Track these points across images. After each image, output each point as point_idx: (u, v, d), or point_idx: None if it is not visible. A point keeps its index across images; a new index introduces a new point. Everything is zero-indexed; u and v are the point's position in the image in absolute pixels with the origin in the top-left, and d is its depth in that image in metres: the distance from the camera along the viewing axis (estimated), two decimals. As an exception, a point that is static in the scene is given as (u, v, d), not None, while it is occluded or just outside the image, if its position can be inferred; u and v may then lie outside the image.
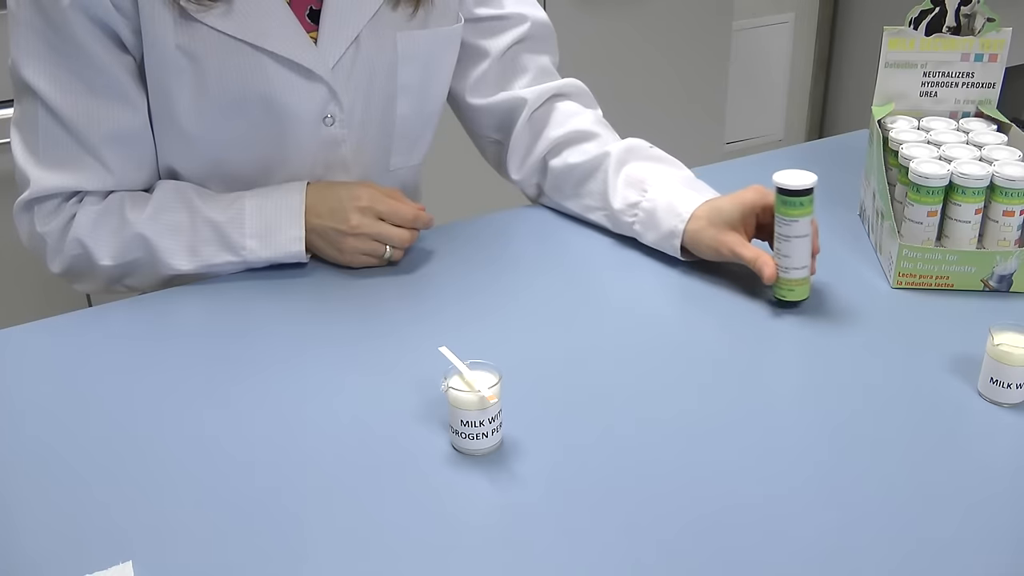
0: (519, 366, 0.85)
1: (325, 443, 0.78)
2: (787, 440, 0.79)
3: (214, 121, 0.97)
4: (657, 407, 0.83)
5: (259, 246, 0.98)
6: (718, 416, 0.81)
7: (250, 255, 0.98)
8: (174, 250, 0.98)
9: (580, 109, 1.14)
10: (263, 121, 0.98)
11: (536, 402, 0.83)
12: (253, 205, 0.99)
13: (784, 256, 0.94)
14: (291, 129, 1.00)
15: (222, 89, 0.95)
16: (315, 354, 0.89)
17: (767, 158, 1.34)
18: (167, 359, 0.89)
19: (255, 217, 0.98)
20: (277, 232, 0.98)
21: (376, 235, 0.99)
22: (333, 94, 1.01)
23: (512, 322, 0.95)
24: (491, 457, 0.77)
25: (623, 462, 0.76)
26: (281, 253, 0.99)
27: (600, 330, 0.94)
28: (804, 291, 0.95)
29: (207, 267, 0.99)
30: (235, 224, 0.98)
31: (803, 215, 0.92)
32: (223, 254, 0.98)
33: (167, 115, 0.96)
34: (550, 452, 0.78)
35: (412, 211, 1.01)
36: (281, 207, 0.98)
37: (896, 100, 1.13)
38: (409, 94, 1.07)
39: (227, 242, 0.98)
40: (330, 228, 0.99)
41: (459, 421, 0.76)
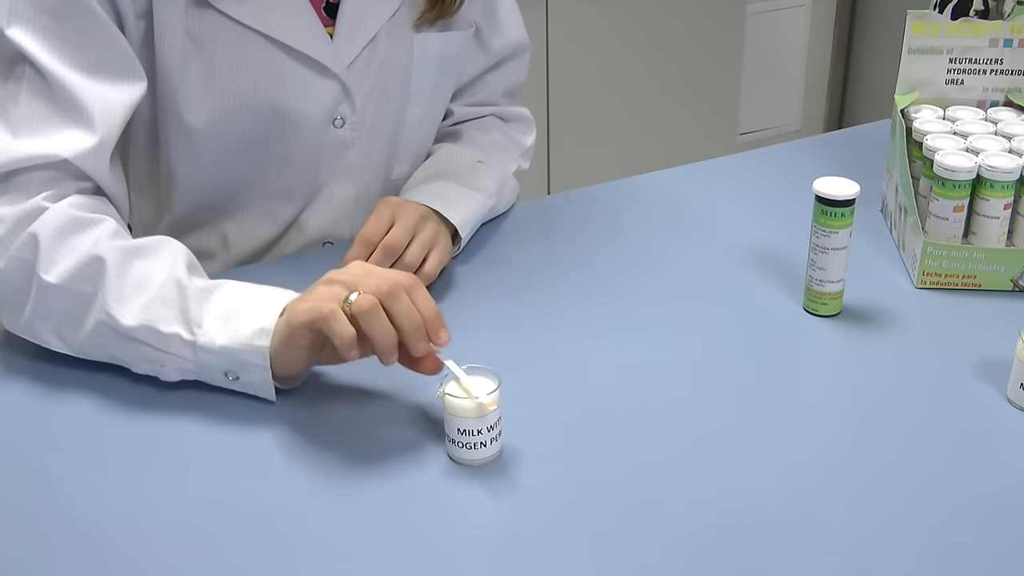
0: (520, 371, 0.85)
1: (311, 450, 0.79)
2: (805, 446, 0.79)
3: (219, 115, 0.97)
4: (670, 415, 0.83)
5: (216, 329, 0.81)
6: (733, 424, 0.82)
7: (203, 337, 0.81)
8: (125, 296, 0.82)
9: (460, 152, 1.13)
10: (270, 118, 0.98)
11: (538, 409, 0.83)
12: (236, 284, 0.85)
13: (819, 268, 0.94)
14: (299, 128, 1.00)
15: (230, 82, 0.95)
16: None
17: (783, 150, 1.34)
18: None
19: (230, 295, 0.83)
20: (244, 317, 0.81)
21: (351, 280, 0.78)
22: (346, 93, 1.01)
23: (512, 324, 0.95)
24: (490, 468, 0.77)
25: (631, 473, 0.76)
26: (239, 346, 0.80)
27: (609, 333, 0.94)
28: (837, 306, 0.95)
29: (149, 335, 0.82)
30: (203, 295, 0.83)
31: (843, 227, 0.92)
32: (173, 324, 0.81)
33: (171, 107, 0.96)
34: (553, 462, 0.78)
35: (412, 280, 0.80)
36: (263, 295, 0.83)
37: (920, 88, 1.13)
38: (420, 99, 1.08)
39: (185, 311, 0.82)
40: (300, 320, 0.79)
41: (456, 430, 0.76)
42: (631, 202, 1.19)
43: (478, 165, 1.11)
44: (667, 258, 1.07)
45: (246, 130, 0.98)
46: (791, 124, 2.93)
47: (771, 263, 1.05)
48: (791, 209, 1.13)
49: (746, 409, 0.83)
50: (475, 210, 1.05)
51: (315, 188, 1.06)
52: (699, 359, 0.90)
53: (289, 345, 0.80)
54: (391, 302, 0.77)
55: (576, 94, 2.47)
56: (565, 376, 0.88)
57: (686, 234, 1.12)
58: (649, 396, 0.85)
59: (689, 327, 0.95)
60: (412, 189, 1.06)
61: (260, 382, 0.82)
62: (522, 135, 1.22)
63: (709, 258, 1.07)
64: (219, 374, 0.82)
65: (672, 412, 0.83)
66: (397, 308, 0.77)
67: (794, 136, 2.88)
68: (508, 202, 1.16)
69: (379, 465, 0.77)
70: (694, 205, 1.19)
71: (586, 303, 0.99)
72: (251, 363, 0.81)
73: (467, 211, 1.04)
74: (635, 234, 1.11)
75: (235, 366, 0.81)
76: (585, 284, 1.02)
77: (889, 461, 0.78)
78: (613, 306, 0.98)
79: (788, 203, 1.16)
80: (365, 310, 0.76)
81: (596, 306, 0.98)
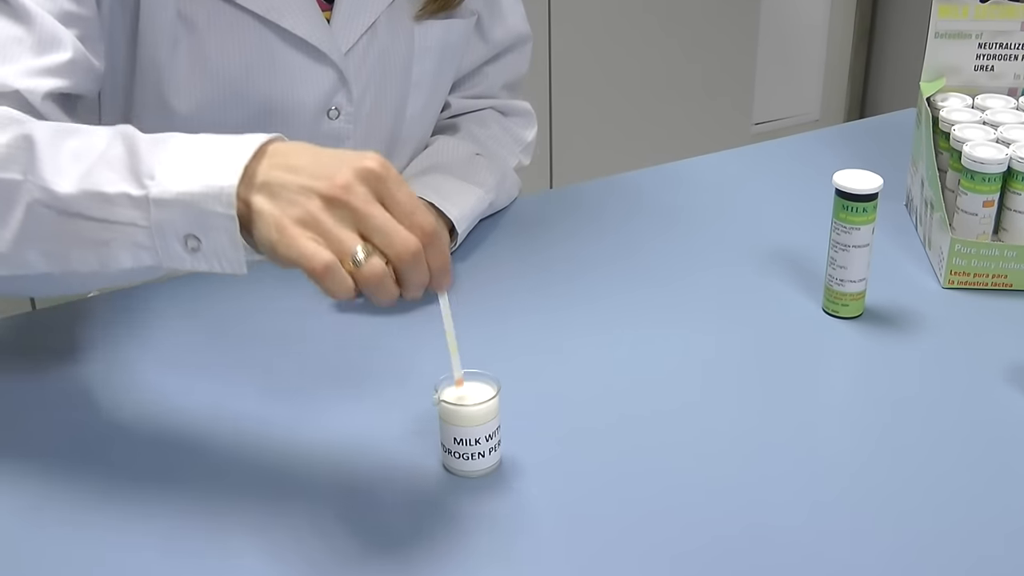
0: (521, 376, 0.85)
1: (296, 461, 0.79)
2: (823, 457, 0.79)
3: (207, 102, 0.97)
4: (680, 423, 0.83)
5: (171, 176, 0.70)
6: (747, 433, 0.81)
7: (155, 188, 0.70)
8: (62, 166, 0.73)
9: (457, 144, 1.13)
10: (262, 106, 0.98)
11: (540, 416, 0.83)
12: (195, 135, 0.74)
13: (840, 267, 0.94)
14: (291, 118, 1.00)
15: (222, 66, 0.95)
16: (285, 361, 0.89)
17: (801, 141, 1.34)
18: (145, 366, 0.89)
19: (189, 139, 0.73)
20: (204, 160, 0.71)
21: (365, 216, 0.68)
22: (343, 82, 1.01)
23: (512, 326, 0.95)
24: (489, 479, 0.77)
25: (640, 485, 0.76)
26: (199, 188, 0.69)
27: (615, 337, 0.94)
28: (859, 307, 0.95)
29: (92, 202, 0.72)
30: (156, 143, 0.73)
31: (865, 223, 0.92)
32: (119, 184, 0.71)
33: (153, 91, 0.96)
34: (556, 473, 0.78)
35: (432, 226, 0.69)
36: (229, 140, 0.72)
37: (948, 75, 1.13)
38: (421, 91, 1.08)
39: (134, 167, 0.72)
40: (293, 183, 0.69)
41: (452, 439, 0.76)
42: (638, 198, 1.19)
43: (476, 158, 1.11)
44: (676, 257, 1.06)
45: (235, 118, 0.98)
46: (809, 113, 2.93)
47: (788, 262, 1.05)
48: (809, 204, 1.13)
49: (761, 417, 0.83)
50: (473, 204, 1.05)
51: None
52: (711, 364, 0.90)
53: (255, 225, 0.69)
54: (406, 271, 0.68)
55: (580, 85, 2.47)
56: (570, 382, 0.88)
57: (696, 231, 1.12)
58: (659, 403, 0.85)
59: (701, 330, 0.95)
60: (408, 182, 1.06)
61: (227, 245, 0.69)
62: (523, 129, 1.22)
63: (722, 257, 1.07)
64: (177, 243, 0.70)
65: (683, 420, 0.83)
66: (410, 277, 0.69)
67: (813, 126, 2.88)
68: (508, 197, 1.16)
69: (367, 478, 0.77)
70: (705, 201, 1.19)
71: (591, 304, 0.99)
72: (213, 213, 0.68)
73: (464, 205, 1.04)
74: (642, 231, 1.11)
75: (196, 221, 0.69)
76: (590, 284, 1.02)
77: (914, 473, 0.77)
78: (619, 307, 0.98)
79: (806, 198, 1.16)
80: (372, 284, 0.67)
81: (601, 307, 0.98)
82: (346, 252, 0.67)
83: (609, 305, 0.99)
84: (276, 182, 0.69)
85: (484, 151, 1.13)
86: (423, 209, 0.69)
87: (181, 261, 0.71)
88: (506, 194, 1.15)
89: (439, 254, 0.69)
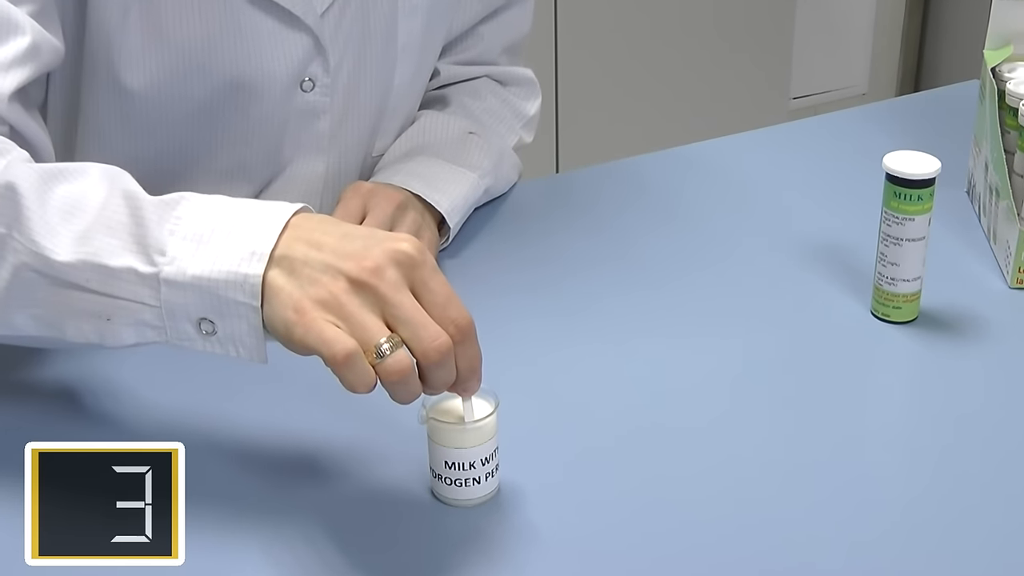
0: (522, 388, 0.85)
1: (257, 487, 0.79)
2: (872, 485, 0.79)
3: (164, 75, 0.97)
4: (705, 445, 0.83)
5: (186, 255, 0.72)
6: (784, 456, 0.82)
7: (168, 267, 0.72)
8: (53, 226, 0.74)
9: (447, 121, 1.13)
10: (226, 81, 0.98)
11: (545, 436, 0.83)
12: (208, 196, 0.76)
13: (891, 264, 0.94)
14: (259, 92, 1.00)
15: (180, 33, 0.95)
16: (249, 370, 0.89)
17: (845, 118, 1.34)
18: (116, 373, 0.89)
19: (203, 208, 0.74)
20: (225, 237, 0.72)
21: (394, 304, 0.69)
22: (319, 49, 1.01)
23: (512, 331, 0.95)
24: (485, 509, 0.77)
25: (659, 516, 0.76)
26: (219, 276, 0.71)
27: (632, 342, 0.94)
28: (914, 309, 0.95)
29: (92, 273, 0.73)
30: (164, 210, 0.74)
31: (921, 212, 0.92)
32: (124, 255, 0.73)
33: (103, 64, 0.96)
34: (562, 502, 0.78)
35: (467, 322, 0.71)
36: (250, 210, 0.74)
37: (1015, 42, 1.13)
38: (409, 56, 1.08)
39: (140, 236, 0.73)
40: (317, 260, 0.71)
41: (443, 463, 0.76)
42: (656, 184, 1.20)
43: (469, 137, 1.11)
44: (700, 252, 1.07)
45: (196, 94, 0.99)
46: (856, 86, 2.93)
47: (831, 258, 1.05)
48: (856, 191, 1.14)
49: (799, 439, 0.84)
50: (466, 192, 1.06)
51: (277, 165, 1.06)
52: (741, 376, 0.90)
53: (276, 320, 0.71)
54: (432, 370, 0.70)
55: (590, 51, 2.47)
56: (579, 396, 0.88)
57: (724, 223, 1.12)
58: (681, 421, 0.85)
59: (729, 337, 0.95)
60: (387, 168, 1.06)
61: (246, 332, 0.72)
62: (524, 101, 1.22)
63: (754, 253, 1.07)
64: (190, 325, 0.73)
65: (708, 442, 0.83)
66: (435, 377, 0.71)
67: (859, 101, 2.88)
68: (507, 182, 1.16)
69: (342, 507, 0.77)
70: (735, 187, 1.19)
71: (603, 305, 0.99)
72: (234, 301, 0.71)
73: (456, 194, 1.04)
74: (660, 223, 1.12)
75: (212, 307, 0.72)
76: (601, 282, 1.02)
77: (977, 503, 0.78)
78: (635, 310, 0.98)
79: (852, 184, 1.17)
80: (394, 380, 0.69)
81: (614, 308, 0.98)
82: (370, 342, 0.68)
83: (623, 307, 0.99)
84: (297, 257, 0.71)
85: (478, 128, 1.13)
86: (457, 302, 0.71)
87: (192, 343, 0.74)
88: (504, 178, 1.15)
89: (470, 355, 0.72)
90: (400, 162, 1.06)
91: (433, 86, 1.18)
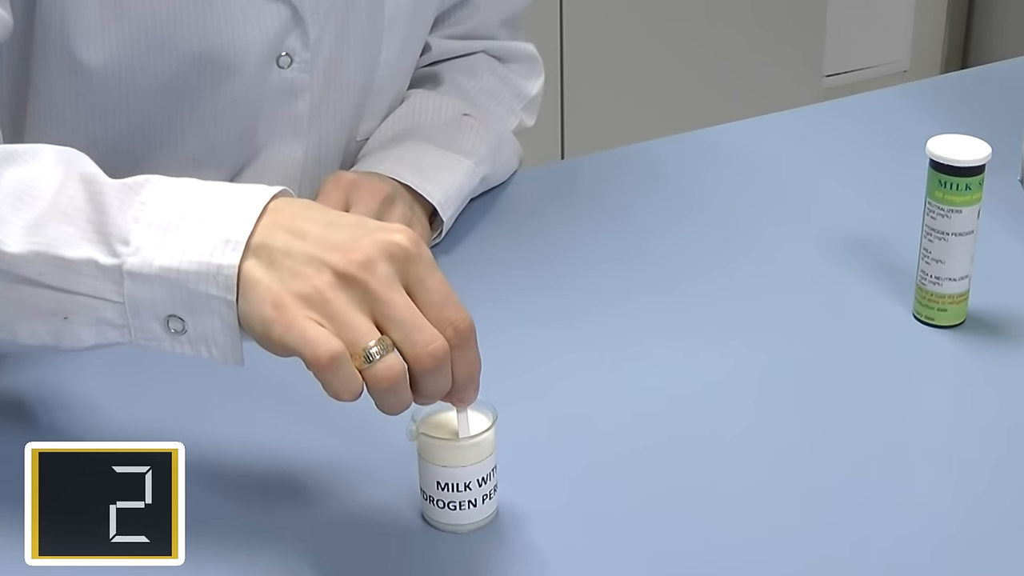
0: (522, 400, 0.85)
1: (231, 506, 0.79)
2: (915, 507, 0.79)
3: (125, 50, 0.97)
4: (728, 463, 0.83)
5: (152, 244, 0.71)
6: (817, 475, 0.82)
7: (132, 257, 0.71)
8: (2, 212, 0.74)
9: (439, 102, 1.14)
10: (193, 56, 0.98)
11: (548, 453, 0.83)
12: (175, 181, 0.75)
13: (936, 261, 0.94)
14: (231, 68, 1.00)
15: (141, 2, 0.95)
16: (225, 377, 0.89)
17: (885, 98, 1.35)
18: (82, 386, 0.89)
19: (170, 192, 0.74)
20: (196, 223, 0.72)
21: (385, 302, 0.69)
22: (297, 20, 1.01)
23: (512, 336, 0.95)
24: (482, 535, 0.77)
25: (678, 541, 0.76)
26: (190, 266, 0.70)
27: (644, 349, 0.94)
28: (961, 312, 0.95)
29: (47, 266, 0.73)
30: (127, 194, 0.73)
31: (969, 203, 0.92)
32: (83, 245, 0.72)
33: (56, 37, 0.96)
34: (567, 527, 0.77)
35: (467, 324, 0.71)
36: (222, 193, 0.74)
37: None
38: (397, 29, 1.08)
39: (101, 222, 0.73)
40: (299, 250, 0.70)
41: (435, 483, 0.76)
42: (672, 172, 1.20)
43: (464, 119, 1.11)
44: (721, 248, 1.07)
45: (159, 70, 0.99)
46: (897, 63, 2.93)
47: (868, 254, 1.05)
48: (896, 180, 1.14)
49: (832, 456, 0.83)
50: (461, 181, 1.06)
51: (250, 150, 1.06)
52: (768, 386, 0.90)
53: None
54: (424, 377, 0.70)
55: (599, 23, 2.47)
56: (585, 407, 0.88)
57: (748, 215, 1.12)
58: (698, 435, 0.85)
59: (753, 342, 0.95)
60: (372, 155, 1.06)
61: (220, 330, 0.72)
62: (525, 80, 1.22)
63: (781, 248, 1.07)
64: (157, 323, 0.72)
65: (729, 459, 0.83)
66: (427, 385, 0.71)
67: (900, 79, 2.89)
68: (507, 170, 1.16)
69: (326, 534, 0.77)
70: (760, 175, 1.19)
71: (611, 307, 0.99)
72: (206, 295, 0.70)
73: (449, 183, 1.04)
74: (675, 215, 1.12)
75: (182, 302, 0.71)
76: (610, 281, 1.02)
77: (1032, 526, 0.77)
78: (648, 312, 0.98)
79: (892, 172, 1.17)
80: (383, 387, 0.69)
81: (627, 310, 0.98)
82: (357, 344, 0.68)
83: (634, 309, 0.99)
84: (277, 247, 0.70)
85: (474, 109, 1.13)
86: (456, 301, 0.70)
87: (159, 343, 0.73)
88: (503, 166, 1.15)
89: (468, 361, 0.71)
90: (387, 148, 1.06)
91: (424, 63, 1.18)
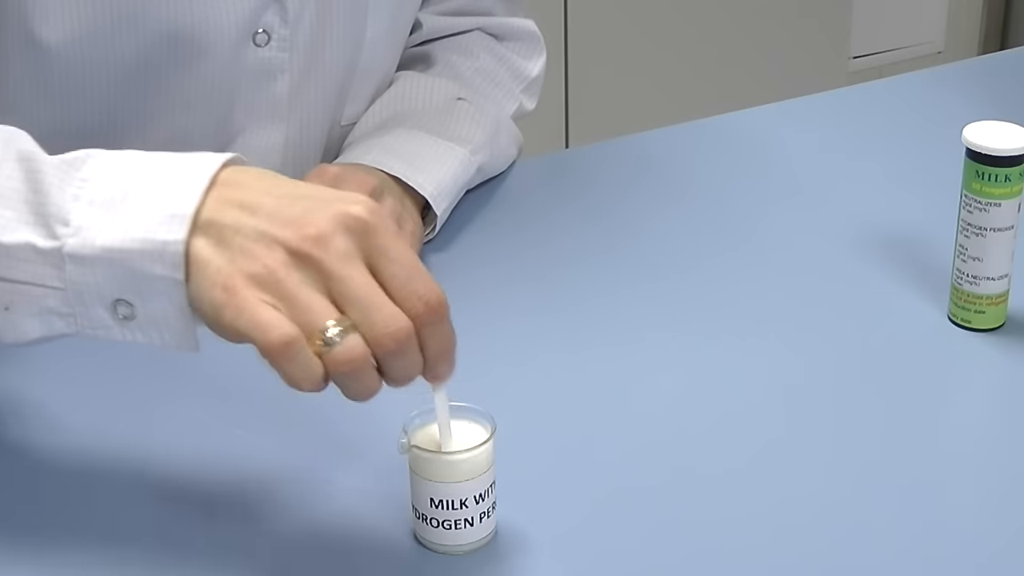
0: (524, 409, 0.86)
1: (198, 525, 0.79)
2: (952, 525, 0.79)
3: (88, 28, 0.97)
4: (748, 477, 0.83)
5: (93, 223, 0.71)
6: (846, 491, 0.82)
7: (72, 238, 0.71)
8: None
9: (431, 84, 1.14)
10: (162, 34, 0.99)
11: (551, 468, 0.83)
12: (118, 154, 0.75)
13: (973, 259, 0.94)
14: (204, 48, 1.00)
15: None
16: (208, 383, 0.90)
17: (917, 81, 1.35)
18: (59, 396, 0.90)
19: (112, 168, 0.74)
20: (137, 199, 0.72)
21: (341, 280, 0.69)
22: None
23: (512, 338, 0.95)
24: (480, 557, 0.77)
25: (699, 567, 0.76)
26: (132, 244, 0.70)
27: (656, 351, 0.94)
28: (1000, 314, 0.96)
29: None
30: (66, 171, 0.74)
31: (1009, 196, 0.92)
32: (20, 229, 0.72)
33: (16, 16, 0.96)
34: (572, 549, 0.78)
35: (437, 298, 0.71)
36: (167, 163, 0.74)
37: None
38: (383, 3, 1.08)
39: (39, 203, 0.73)
40: (249, 226, 0.70)
41: (428, 500, 0.76)
42: (684, 161, 1.20)
43: (458, 104, 1.11)
44: (739, 244, 1.07)
45: (127, 51, 0.99)
46: (930, 43, 2.93)
47: (899, 251, 1.06)
48: (930, 170, 1.14)
49: (865, 468, 0.84)
50: (455, 172, 1.06)
51: (226, 136, 1.07)
52: (797, 394, 0.91)
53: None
54: (389, 360, 0.70)
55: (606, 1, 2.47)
56: (592, 418, 0.88)
57: (768, 209, 1.13)
58: (718, 448, 0.85)
59: (781, 348, 0.95)
60: (359, 143, 1.06)
61: (170, 313, 0.72)
62: (525, 60, 1.22)
63: (806, 244, 1.07)
64: (103, 309, 0.72)
65: (752, 473, 0.83)
66: (394, 367, 0.71)
67: (934, 61, 2.89)
68: (505, 159, 1.16)
69: (311, 556, 0.77)
70: (782, 164, 1.20)
71: (621, 307, 0.99)
72: (152, 275, 0.70)
73: (443, 174, 1.05)
74: (690, 208, 1.12)
75: (128, 284, 0.71)
76: (620, 280, 1.03)
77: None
78: (661, 309, 0.99)
79: (925, 161, 1.17)
80: (346, 372, 0.69)
81: (636, 310, 0.99)
82: (314, 326, 0.68)
83: (646, 308, 0.99)
84: (227, 223, 0.70)
85: (469, 93, 1.13)
86: (424, 274, 0.70)
87: (108, 331, 0.73)
88: (501, 154, 1.15)
89: (440, 336, 0.71)
90: (374, 136, 1.06)
91: (414, 41, 1.18)
